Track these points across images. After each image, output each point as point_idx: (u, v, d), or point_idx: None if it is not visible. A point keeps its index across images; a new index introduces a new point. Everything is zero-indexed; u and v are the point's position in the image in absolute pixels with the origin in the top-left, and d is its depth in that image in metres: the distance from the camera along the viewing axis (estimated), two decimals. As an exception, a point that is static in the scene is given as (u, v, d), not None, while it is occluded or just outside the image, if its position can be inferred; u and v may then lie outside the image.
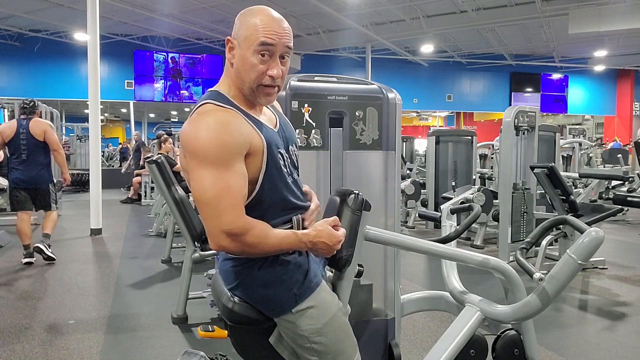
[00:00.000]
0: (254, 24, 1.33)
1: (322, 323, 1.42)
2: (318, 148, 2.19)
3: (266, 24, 1.33)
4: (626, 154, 10.97)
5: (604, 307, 3.85)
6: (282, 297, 1.40)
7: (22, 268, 4.88)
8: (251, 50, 1.33)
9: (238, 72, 1.37)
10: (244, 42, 1.34)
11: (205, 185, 1.26)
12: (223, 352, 1.96)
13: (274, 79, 1.36)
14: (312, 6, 11.17)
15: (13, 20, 12.72)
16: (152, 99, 15.52)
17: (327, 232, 1.39)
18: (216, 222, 1.26)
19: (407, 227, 7.40)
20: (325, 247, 1.39)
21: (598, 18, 11.13)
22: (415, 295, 2.39)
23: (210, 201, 1.26)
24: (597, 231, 1.69)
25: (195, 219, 3.55)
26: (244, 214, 1.29)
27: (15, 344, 3.02)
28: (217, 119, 1.29)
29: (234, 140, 1.28)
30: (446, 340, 1.95)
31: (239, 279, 1.43)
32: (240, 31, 1.35)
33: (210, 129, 1.27)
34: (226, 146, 1.26)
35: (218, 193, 1.25)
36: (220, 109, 1.33)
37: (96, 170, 6.92)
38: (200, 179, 1.27)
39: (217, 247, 1.29)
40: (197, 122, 1.30)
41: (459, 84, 18.01)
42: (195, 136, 1.28)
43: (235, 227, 1.25)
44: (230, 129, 1.28)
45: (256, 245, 1.30)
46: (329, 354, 1.43)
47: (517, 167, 5.26)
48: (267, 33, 1.32)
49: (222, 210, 1.25)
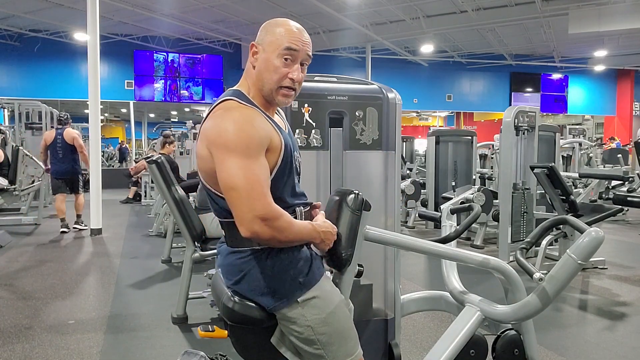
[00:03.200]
0: (280, 31, 1.46)
1: (327, 313, 1.46)
2: (318, 148, 2.19)
3: (291, 32, 1.46)
4: (626, 154, 10.97)
5: (604, 307, 3.85)
6: (288, 286, 1.43)
7: (22, 268, 4.89)
8: (276, 54, 1.44)
9: (260, 74, 1.47)
10: (269, 46, 1.45)
11: (238, 174, 1.32)
12: (223, 352, 1.96)
13: (293, 82, 1.47)
14: (312, 6, 11.18)
15: (13, 20, 12.73)
16: (152, 99, 15.52)
17: (329, 224, 1.52)
18: (249, 207, 1.32)
19: (407, 227, 7.40)
20: (330, 237, 1.51)
21: (598, 18, 11.13)
22: (415, 295, 2.39)
23: (243, 188, 1.32)
24: (597, 231, 1.69)
25: (195, 219, 3.55)
26: (273, 201, 1.37)
27: (15, 344, 3.02)
28: (242, 114, 1.39)
29: (259, 134, 1.37)
30: (446, 340, 1.95)
31: (245, 270, 1.45)
32: (266, 37, 1.47)
33: (237, 123, 1.36)
34: (253, 139, 1.35)
35: (250, 181, 1.32)
36: (244, 105, 1.43)
37: (96, 170, 6.92)
38: (231, 168, 1.33)
39: (249, 232, 1.34)
40: (224, 116, 1.39)
41: (459, 84, 18.00)
42: (225, 129, 1.36)
43: (268, 212, 1.33)
44: (256, 123, 1.38)
45: (284, 230, 1.37)
46: (333, 345, 1.46)
47: (517, 167, 5.26)
48: (292, 39, 1.45)
49: (255, 197, 1.32)
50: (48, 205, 9.23)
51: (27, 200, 7.95)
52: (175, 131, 13.24)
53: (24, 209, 7.94)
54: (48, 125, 10.09)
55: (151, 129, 24.97)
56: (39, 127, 10.19)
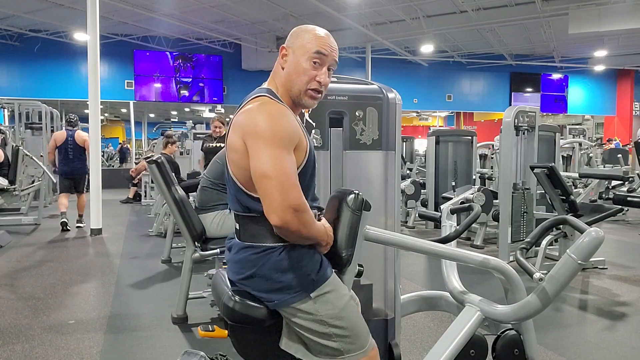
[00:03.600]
0: (310, 36, 1.54)
1: (340, 307, 1.49)
2: (318, 148, 2.19)
3: (321, 38, 1.54)
4: (626, 154, 10.97)
5: (604, 307, 3.85)
6: (300, 282, 1.46)
7: (22, 268, 4.89)
8: (306, 57, 1.51)
9: (289, 75, 1.53)
10: (300, 49, 1.52)
11: (274, 163, 1.36)
12: (223, 352, 1.96)
13: (320, 85, 1.54)
14: (312, 6, 11.17)
15: (13, 20, 12.72)
16: (152, 99, 15.52)
17: (329, 226, 1.57)
18: (284, 197, 1.36)
19: (407, 227, 7.40)
20: (330, 241, 1.55)
21: (598, 18, 11.12)
22: (415, 295, 2.39)
23: (277, 177, 1.36)
24: (597, 231, 1.69)
25: (195, 219, 3.55)
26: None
27: (15, 344, 3.02)
28: (278, 108, 1.46)
29: (292, 130, 1.43)
30: (446, 340, 1.95)
31: (257, 265, 1.46)
32: (297, 41, 1.54)
33: (273, 116, 1.42)
34: (287, 133, 1.41)
35: (284, 171, 1.37)
36: (277, 102, 1.49)
37: (96, 170, 6.92)
38: (266, 157, 1.37)
39: (280, 221, 1.36)
40: (260, 109, 1.44)
41: (459, 84, 18.00)
42: (261, 120, 1.41)
43: (301, 203, 1.38)
44: (290, 119, 1.45)
45: (309, 226, 1.42)
46: (349, 337, 1.49)
47: (517, 167, 5.26)
48: (322, 44, 1.53)
49: (289, 187, 1.37)
50: (48, 205, 9.24)
51: (27, 200, 7.96)
52: (176, 131, 13.24)
53: (24, 209, 7.94)
54: (48, 125, 10.10)
55: (151, 129, 24.97)
56: (39, 127, 10.19)
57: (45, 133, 9.99)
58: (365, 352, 1.52)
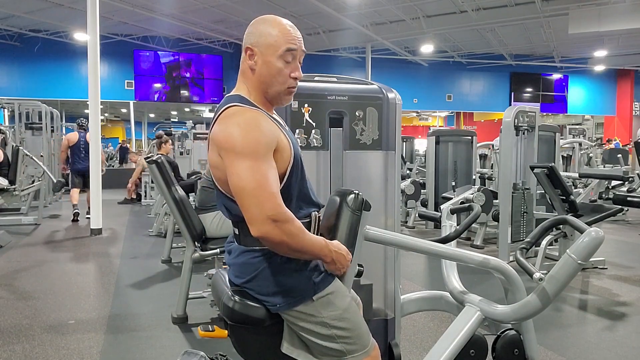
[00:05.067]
0: (276, 33, 1.46)
1: (342, 309, 1.48)
2: (318, 148, 2.19)
3: (287, 32, 1.47)
4: (626, 154, 10.96)
5: (604, 307, 3.85)
6: (302, 285, 1.45)
7: (22, 268, 4.89)
8: (276, 56, 1.45)
9: (263, 78, 1.47)
10: (268, 49, 1.45)
11: (247, 176, 1.33)
12: (223, 352, 1.96)
13: (296, 80, 1.50)
14: (312, 6, 11.18)
15: (13, 20, 12.73)
16: (152, 99, 15.52)
17: (345, 249, 1.50)
18: (260, 208, 1.32)
19: (407, 227, 7.40)
20: (342, 260, 1.48)
21: (598, 18, 11.13)
22: (415, 295, 2.39)
23: (253, 190, 1.33)
24: (597, 231, 1.69)
25: (195, 219, 3.55)
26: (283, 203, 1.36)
27: (15, 344, 3.02)
28: (246, 117, 1.40)
29: (265, 136, 1.38)
30: (446, 340, 1.95)
31: (259, 268, 1.46)
32: (261, 39, 1.46)
33: (242, 126, 1.37)
34: (259, 141, 1.36)
35: (259, 182, 1.33)
36: (247, 108, 1.43)
37: (96, 170, 6.92)
38: (240, 170, 1.34)
39: (259, 233, 1.33)
40: (228, 122, 1.40)
41: (459, 84, 18.01)
42: (230, 134, 1.37)
43: (278, 212, 1.33)
44: (261, 125, 1.39)
45: (295, 236, 1.35)
46: (352, 338, 1.49)
47: (517, 167, 5.26)
48: (290, 40, 1.46)
49: (265, 198, 1.32)
50: (48, 205, 9.24)
51: (27, 200, 7.95)
52: (176, 131, 13.24)
53: (24, 209, 7.94)
54: (48, 125, 10.10)
55: (151, 129, 24.94)
56: (39, 127, 10.18)
57: (45, 133, 9.98)
58: (367, 352, 1.52)
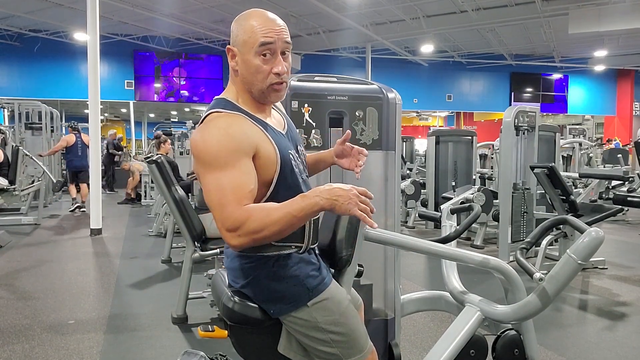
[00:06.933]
0: (250, 27, 1.37)
1: (338, 314, 1.45)
2: (318, 148, 2.19)
3: (262, 25, 1.37)
4: (626, 154, 10.97)
5: (604, 307, 3.85)
6: (296, 291, 1.42)
7: (22, 268, 4.89)
8: (252, 53, 1.37)
9: (244, 77, 1.41)
10: (244, 47, 1.38)
11: (211, 189, 1.29)
12: (223, 352, 1.96)
13: (279, 75, 1.39)
14: (312, 6, 11.17)
15: (13, 20, 12.73)
16: (152, 99, 15.52)
17: (347, 185, 1.29)
18: (220, 222, 1.27)
19: (407, 227, 7.40)
20: (344, 194, 1.26)
21: (598, 18, 11.12)
22: (415, 295, 2.39)
23: (214, 203, 1.28)
24: (597, 231, 1.68)
25: (195, 219, 3.55)
26: (242, 206, 1.26)
27: (15, 344, 3.02)
28: (217, 124, 1.34)
29: (235, 142, 1.31)
30: (446, 340, 1.95)
31: (251, 275, 1.44)
32: (238, 38, 1.39)
33: (211, 135, 1.32)
34: (227, 148, 1.29)
35: (218, 194, 1.28)
36: (224, 114, 1.37)
37: (96, 170, 6.92)
38: (206, 183, 1.30)
39: (231, 245, 1.28)
40: (202, 130, 1.36)
41: (459, 84, 18.01)
42: (198, 144, 1.33)
43: (232, 221, 1.25)
44: (231, 130, 1.32)
45: (262, 229, 1.25)
46: (347, 343, 1.46)
47: (517, 167, 5.26)
48: (264, 33, 1.36)
49: (221, 209, 1.27)
50: (48, 205, 9.24)
51: (27, 200, 7.95)
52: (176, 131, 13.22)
53: (24, 209, 7.94)
54: (48, 125, 10.10)
55: (151, 129, 24.90)
56: (39, 127, 10.18)
57: (45, 133, 9.99)
58: (364, 356, 1.50)
